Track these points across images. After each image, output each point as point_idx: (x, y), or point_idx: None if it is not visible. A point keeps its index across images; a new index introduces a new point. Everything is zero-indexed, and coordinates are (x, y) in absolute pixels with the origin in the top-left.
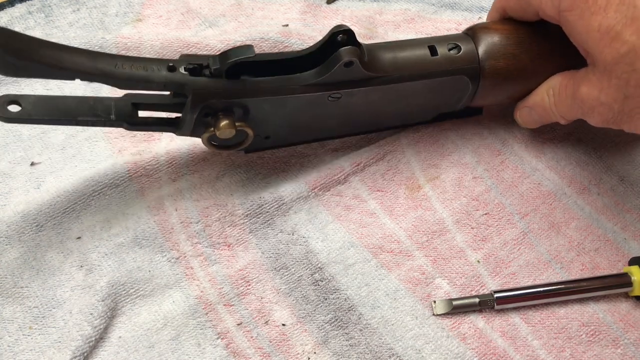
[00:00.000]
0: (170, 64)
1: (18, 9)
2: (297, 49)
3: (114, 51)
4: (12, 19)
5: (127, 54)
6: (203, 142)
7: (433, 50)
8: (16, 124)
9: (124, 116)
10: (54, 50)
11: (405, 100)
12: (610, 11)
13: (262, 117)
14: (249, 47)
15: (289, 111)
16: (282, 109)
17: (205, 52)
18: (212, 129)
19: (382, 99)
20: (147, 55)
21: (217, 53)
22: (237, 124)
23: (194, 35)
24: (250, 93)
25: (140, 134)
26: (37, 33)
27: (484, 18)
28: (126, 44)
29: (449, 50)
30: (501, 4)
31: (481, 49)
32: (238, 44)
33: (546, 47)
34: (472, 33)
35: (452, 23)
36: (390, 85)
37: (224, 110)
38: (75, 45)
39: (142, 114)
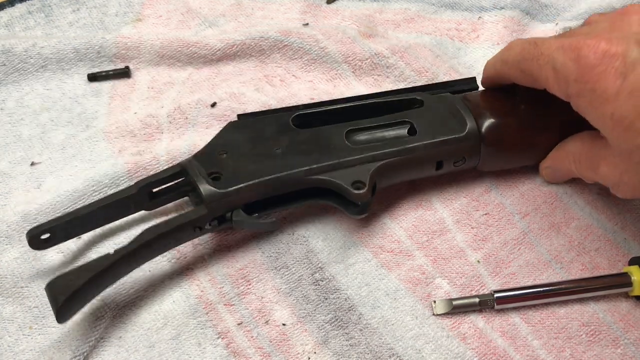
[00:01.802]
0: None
1: (18, 9)
2: (297, 48)
3: (114, 51)
4: (12, 19)
5: (127, 54)
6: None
7: (439, 166)
8: (16, 125)
9: (141, 205)
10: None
11: None
12: (621, 101)
13: None
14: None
15: None
16: None
17: (204, 52)
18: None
19: None
20: (147, 55)
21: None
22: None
23: (194, 35)
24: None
25: (140, 134)
26: (37, 33)
27: (483, 18)
28: (126, 43)
29: (454, 163)
30: (502, 70)
31: (484, 151)
32: (238, 43)
33: (551, 137)
34: (480, 122)
35: (452, 23)
36: None
37: None
38: (76, 46)
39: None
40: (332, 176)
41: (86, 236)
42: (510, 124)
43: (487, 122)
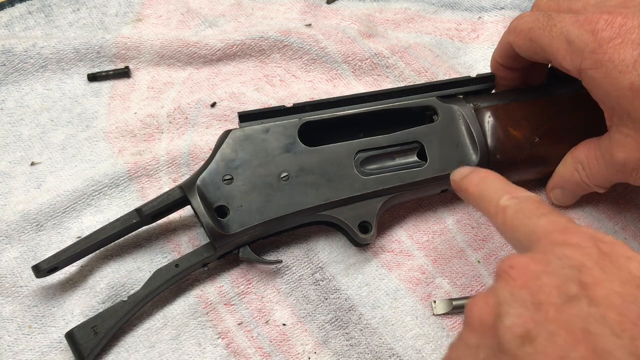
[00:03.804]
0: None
1: (18, 9)
2: (297, 48)
3: (113, 51)
4: (12, 19)
5: (127, 54)
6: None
7: (444, 191)
8: (16, 125)
9: (143, 224)
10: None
11: None
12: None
13: None
14: None
15: None
16: None
17: (204, 52)
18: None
19: None
20: (147, 55)
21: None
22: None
23: (194, 35)
24: None
25: (140, 134)
26: (37, 33)
27: (483, 18)
28: (126, 43)
29: None
30: (509, 39)
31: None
32: (238, 43)
33: (558, 149)
34: (491, 148)
35: (452, 23)
36: None
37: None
38: (76, 46)
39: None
40: (339, 213)
41: (85, 235)
42: (522, 158)
43: (498, 153)
